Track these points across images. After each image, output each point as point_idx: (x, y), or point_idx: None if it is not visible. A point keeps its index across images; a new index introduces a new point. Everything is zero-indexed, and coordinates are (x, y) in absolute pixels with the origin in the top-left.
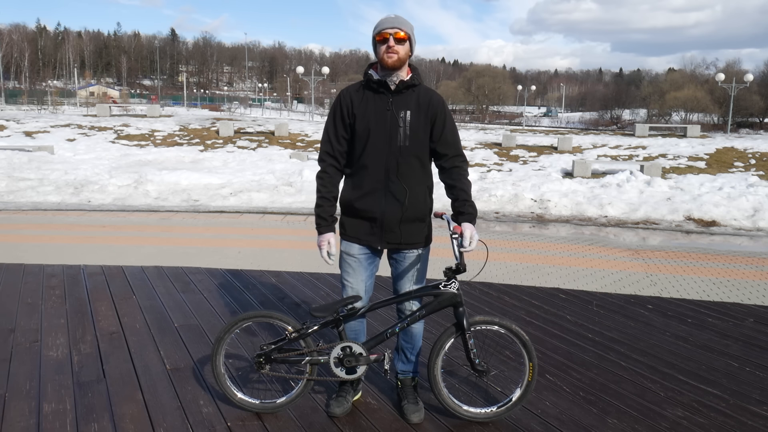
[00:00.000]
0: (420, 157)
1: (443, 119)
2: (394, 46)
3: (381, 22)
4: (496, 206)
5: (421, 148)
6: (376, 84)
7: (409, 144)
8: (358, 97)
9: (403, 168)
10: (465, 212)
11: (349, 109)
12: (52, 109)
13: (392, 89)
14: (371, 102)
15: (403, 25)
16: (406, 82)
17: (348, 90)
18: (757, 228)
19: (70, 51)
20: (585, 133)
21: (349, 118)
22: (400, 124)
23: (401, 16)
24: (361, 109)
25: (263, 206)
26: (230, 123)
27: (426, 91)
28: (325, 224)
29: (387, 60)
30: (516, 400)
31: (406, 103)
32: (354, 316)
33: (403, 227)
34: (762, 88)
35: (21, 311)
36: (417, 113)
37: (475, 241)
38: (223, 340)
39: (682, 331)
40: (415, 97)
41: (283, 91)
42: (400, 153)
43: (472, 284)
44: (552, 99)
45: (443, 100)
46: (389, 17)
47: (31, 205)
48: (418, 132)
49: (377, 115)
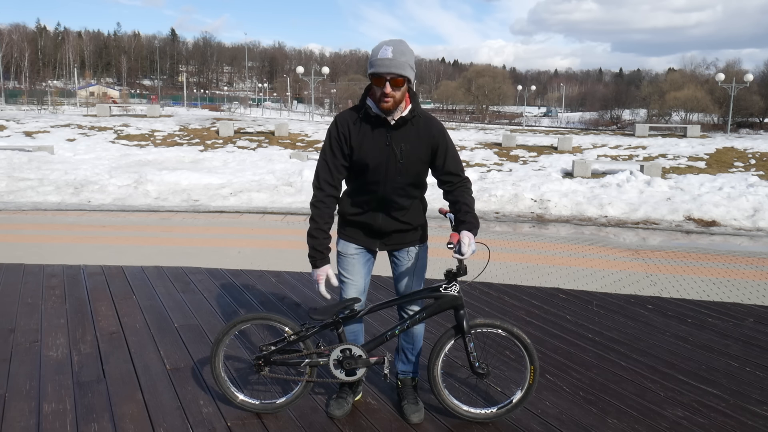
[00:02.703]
0: (416, 182)
1: (445, 149)
2: (389, 92)
3: (376, 60)
4: (496, 206)
5: (419, 176)
6: (375, 118)
7: (406, 176)
8: (356, 129)
9: (400, 194)
10: (466, 221)
11: (347, 139)
12: (52, 109)
13: (391, 124)
14: (369, 136)
15: (400, 68)
16: (406, 117)
17: (345, 119)
18: (757, 228)
19: (70, 51)
20: (585, 133)
21: (347, 149)
22: (399, 159)
23: (399, 50)
24: (359, 142)
25: (263, 206)
26: (230, 123)
27: (426, 122)
28: (321, 257)
29: (382, 105)
30: (516, 402)
31: (405, 137)
32: (353, 318)
33: (400, 234)
34: (762, 88)
35: (21, 311)
36: (417, 145)
37: (472, 249)
38: (221, 342)
39: (682, 331)
40: (414, 130)
41: (283, 91)
42: (397, 182)
43: (472, 284)
44: (552, 99)
45: (443, 129)
46: (386, 57)
47: (31, 205)
48: (416, 163)
49: (375, 151)
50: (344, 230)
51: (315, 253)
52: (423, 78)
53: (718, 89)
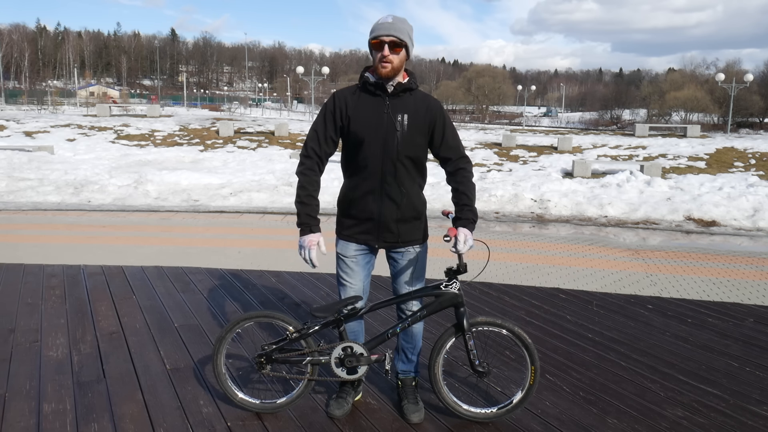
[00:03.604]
0: (416, 159)
1: (443, 124)
2: (388, 55)
3: (377, 25)
4: (496, 206)
5: (418, 151)
6: (373, 86)
7: (405, 147)
8: (353, 100)
9: (400, 170)
10: (463, 217)
11: (342, 111)
12: (52, 109)
13: (389, 92)
14: (367, 105)
15: (399, 32)
16: (404, 84)
17: (343, 92)
18: (757, 228)
19: (70, 51)
20: (585, 133)
21: (342, 120)
22: (397, 127)
23: (399, 19)
24: (357, 112)
25: (263, 206)
26: (230, 123)
27: (423, 97)
28: (315, 223)
29: (381, 70)
30: (517, 403)
31: (403, 107)
32: (355, 316)
33: (400, 226)
34: (762, 88)
35: (21, 311)
36: (415, 117)
37: (468, 245)
38: (224, 339)
39: (682, 331)
40: (412, 101)
41: (283, 91)
42: (397, 156)
43: (472, 284)
44: (552, 99)
45: (441, 105)
46: (386, 21)
47: (31, 205)
48: (415, 136)
49: (373, 119)
50: (342, 227)
51: (309, 219)
52: (423, 78)
53: (718, 89)
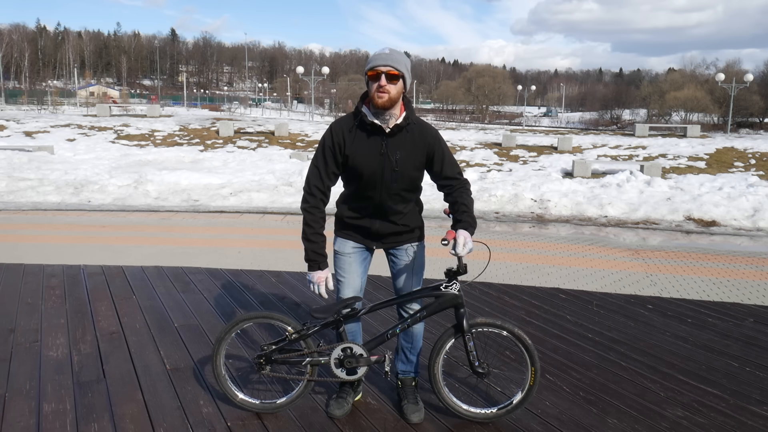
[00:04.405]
0: (412, 187)
1: (441, 154)
2: (385, 85)
3: (374, 57)
4: (496, 206)
5: (415, 181)
6: (371, 126)
7: (401, 183)
8: (350, 137)
9: (395, 199)
10: (463, 220)
11: (341, 147)
12: (52, 109)
13: (386, 132)
14: (364, 144)
15: (396, 62)
16: (401, 124)
17: (340, 126)
18: (757, 228)
19: (70, 51)
20: (585, 133)
21: (341, 157)
22: (394, 167)
23: (396, 51)
24: (354, 150)
25: (263, 206)
26: (230, 123)
27: (420, 129)
28: (323, 260)
29: (377, 100)
30: (517, 403)
31: (400, 144)
32: (354, 316)
33: (396, 237)
34: (762, 88)
35: (21, 311)
36: (412, 152)
37: (468, 248)
38: (223, 340)
39: (682, 331)
40: (410, 137)
41: (283, 91)
42: (393, 189)
43: (472, 284)
44: (552, 99)
45: (438, 134)
46: (383, 52)
47: (31, 205)
48: (410, 171)
49: (370, 157)
50: (341, 227)
51: (316, 257)
52: (423, 78)
53: (718, 89)
